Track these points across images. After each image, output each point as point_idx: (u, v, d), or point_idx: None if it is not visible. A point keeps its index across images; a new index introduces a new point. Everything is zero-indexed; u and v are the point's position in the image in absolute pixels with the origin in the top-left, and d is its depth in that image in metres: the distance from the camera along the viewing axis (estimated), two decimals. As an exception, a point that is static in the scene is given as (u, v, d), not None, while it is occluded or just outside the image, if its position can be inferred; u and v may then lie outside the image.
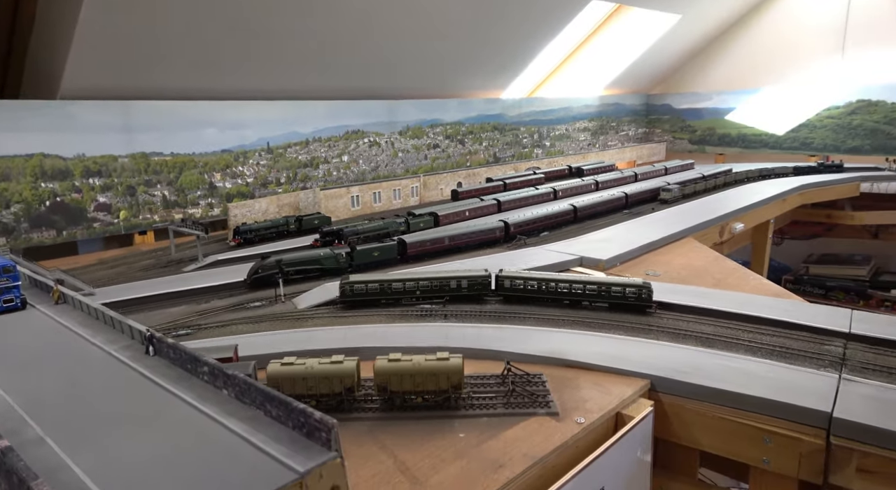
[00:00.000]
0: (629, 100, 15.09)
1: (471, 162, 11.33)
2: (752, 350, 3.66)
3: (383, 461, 2.64)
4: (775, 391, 3.07)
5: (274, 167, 8.45)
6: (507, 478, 2.51)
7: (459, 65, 10.31)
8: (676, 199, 8.75)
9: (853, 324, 3.93)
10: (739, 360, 3.52)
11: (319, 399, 3.03)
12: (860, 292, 11.36)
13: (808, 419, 2.90)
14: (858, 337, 3.77)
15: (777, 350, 3.65)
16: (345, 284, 4.65)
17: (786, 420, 2.95)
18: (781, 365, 3.44)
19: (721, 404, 3.11)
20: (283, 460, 1.80)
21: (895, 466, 2.68)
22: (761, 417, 3.00)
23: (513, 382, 3.25)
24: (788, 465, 2.93)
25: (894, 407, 2.87)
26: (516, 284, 4.58)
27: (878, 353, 3.56)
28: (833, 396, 2.99)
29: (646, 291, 4.23)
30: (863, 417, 2.79)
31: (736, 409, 3.07)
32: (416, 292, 4.65)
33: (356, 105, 9.38)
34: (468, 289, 4.65)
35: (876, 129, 11.70)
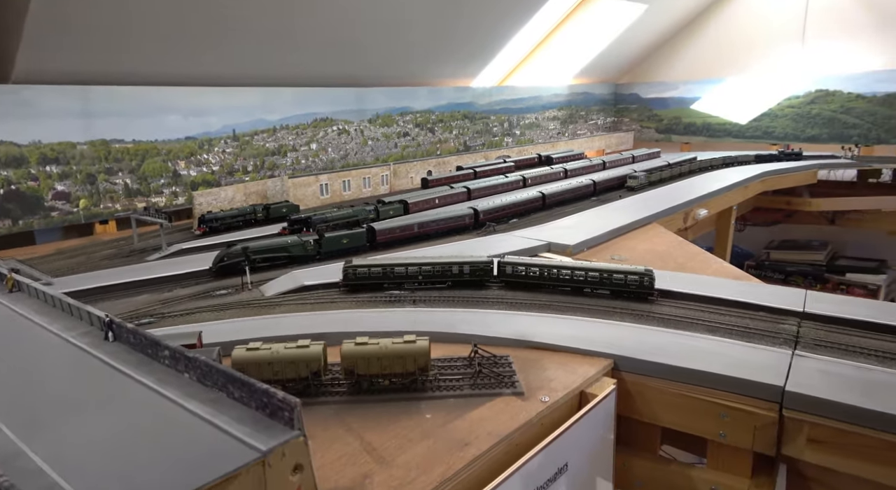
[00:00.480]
0: (598, 89, 15.24)
1: (441, 150, 11.32)
2: (711, 329, 3.77)
3: (350, 443, 2.65)
4: (732, 367, 3.18)
5: (240, 155, 8.31)
6: (473, 455, 2.55)
7: (429, 52, 10.26)
8: (643, 186, 8.90)
9: (807, 303, 4.07)
10: (699, 339, 3.63)
11: (286, 384, 3.01)
12: (817, 276, 11.77)
13: (763, 393, 3.00)
14: (812, 316, 3.92)
15: (735, 329, 3.76)
16: (348, 268, 4.64)
17: (741, 395, 3.05)
18: (739, 343, 3.55)
19: (681, 381, 3.20)
20: (245, 440, 1.80)
21: (842, 436, 2.80)
22: (719, 393, 3.10)
23: (479, 364, 3.29)
24: (744, 438, 3.04)
25: (842, 380, 3.00)
26: (518, 271, 4.58)
27: (829, 331, 3.70)
28: (786, 372, 3.10)
29: (648, 279, 4.22)
30: (813, 390, 2.91)
31: (695, 386, 3.17)
32: (418, 277, 4.64)
33: (324, 92, 9.27)
34: (470, 274, 4.66)
35: (833, 118, 12.08)
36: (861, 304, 4.12)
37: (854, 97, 11.80)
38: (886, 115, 11.45)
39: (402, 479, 2.39)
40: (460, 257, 4.76)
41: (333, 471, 2.44)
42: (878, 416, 2.71)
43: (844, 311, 3.91)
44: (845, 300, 4.21)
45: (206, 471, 1.65)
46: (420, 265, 4.65)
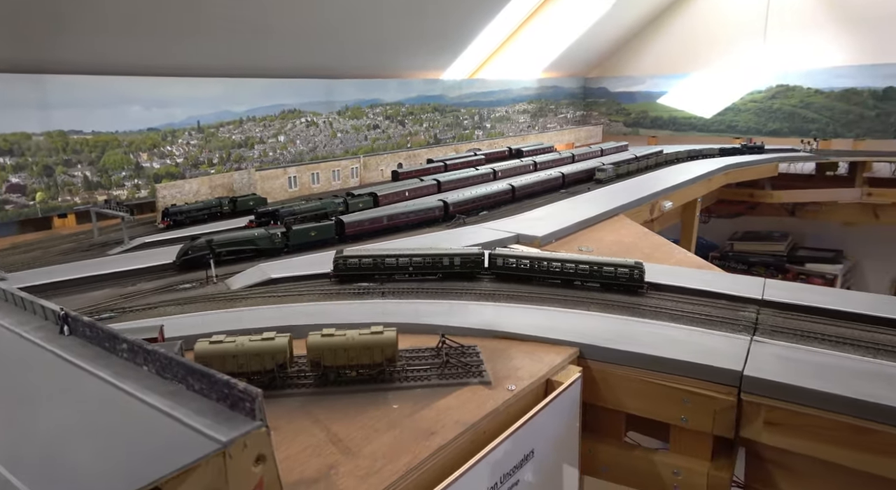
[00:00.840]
0: (567, 83, 15.36)
1: (411, 143, 11.27)
2: (674, 317, 3.86)
3: (315, 434, 2.63)
4: (694, 354, 3.25)
5: (205, 147, 8.14)
6: (439, 444, 2.56)
7: (399, 44, 10.19)
8: (611, 178, 9.03)
9: (766, 291, 4.19)
10: (663, 326, 3.71)
11: (251, 377, 2.98)
12: (778, 266, 12.14)
13: (722, 378, 3.09)
14: (770, 303, 4.03)
15: (697, 317, 3.86)
16: (338, 258, 4.58)
17: (702, 380, 3.13)
18: (701, 330, 3.64)
19: (644, 368, 3.27)
20: (205, 432, 1.77)
21: (797, 418, 2.90)
22: (681, 379, 3.18)
23: (447, 354, 3.30)
24: (704, 422, 3.12)
25: (797, 364, 3.10)
26: (509, 263, 4.55)
27: (786, 317, 3.82)
28: (744, 357, 3.19)
29: (637, 272, 4.22)
30: (769, 374, 3.00)
31: (658, 373, 3.24)
32: (409, 268, 4.60)
33: (292, 84, 9.13)
34: (461, 266, 4.62)
35: (793, 112, 12.42)
36: (816, 292, 4.26)
37: (813, 92, 12.16)
38: (843, 109, 11.83)
39: (368, 469, 2.38)
40: (451, 249, 4.74)
41: (298, 462, 2.42)
42: (830, 398, 2.81)
43: (800, 298, 4.04)
44: (801, 288, 4.35)
45: (164, 463, 1.62)
46: (411, 256, 4.62)
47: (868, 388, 2.79)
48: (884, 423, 2.66)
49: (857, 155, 10.91)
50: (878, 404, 2.68)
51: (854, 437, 2.72)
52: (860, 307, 3.82)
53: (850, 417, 2.73)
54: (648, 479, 3.37)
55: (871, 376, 2.93)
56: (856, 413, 2.72)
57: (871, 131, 11.61)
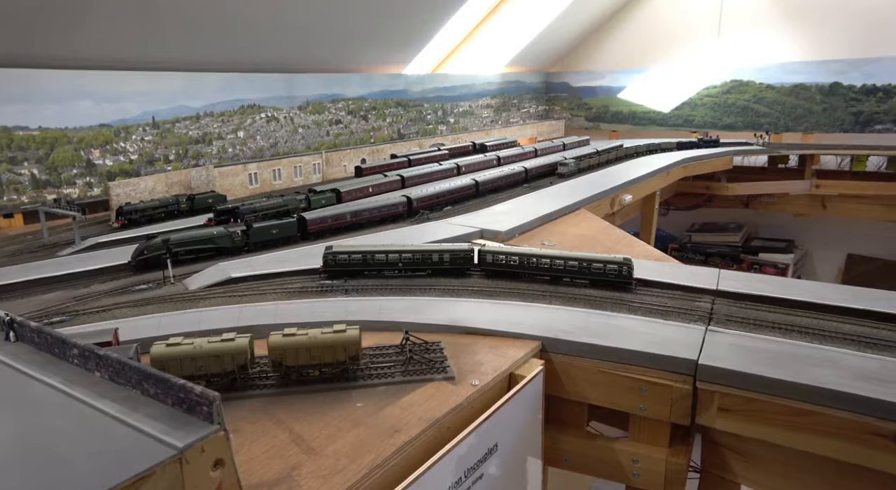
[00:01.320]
0: (529, 78, 15.48)
1: (375, 138, 11.19)
2: (633, 309, 3.95)
3: (277, 435, 2.61)
4: (651, 344, 3.34)
5: (161, 143, 7.91)
6: (403, 441, 2.57)
7: (361, 38, 10.09)
8: (572, 173, 9.15)
9: (720, 282, 4.33)
10: (622, 318, 3.79)
11: (210, 379, 2.92)
12: (734, 257, 12.54)
13: (678, 367, 3.18)
14: (724, 293, 4.17)
15: (655, 308, 3.96)
16: (328, 254, 4.54)
17: (659, 370, 3.21)
18: (658, 321, 3.74)
19: (604, 359, 3.34)
20: (160, 437, 1.73)
21: (749, 404, 3.01)
22: (639, 369, 3.26)
23: (410, 351, 3.31)
24: (661, 411, 3.22)
25: (748, 352, 3.22)
26: (498, 259, 4.54)
27: (740, 307, 3.95)
28: (699, 346, 3.29)
29: (626, 268, 4.23)
30: (722, 362, 3.10)
31: (617, 363, 3.31)
32: (398, 264, 4.58)
33: (251, 78, 8.95)
34: (450, 262, 4.61)
35: (747, 107, 12.82)
36: (768, 281, 4.41)
37: (765, 88, 12.57)
38: (793, 104, 12.27)
39: (332, 468, 2.38)
40: (441, 245, 4.74)
41: (260, 464, 2.40)
42: (780, 384, 2.93)
43: (753, 288, 4.18)
44: (754, 278, 4.50)
45: (117, 471, 1.58)
46: (400, 252, 4.60)
47: (812, 373, 2.92)
48: (825, 406, 2.79)
49: (806, 148, 11.34)
50: (820, 387, 2.80)
51: (799, 420, 2.85)
52: (808, 296, 3.99)
53: (796, 401, 2.85)
54: (609, 468, 3.45)
55: (816, 361, 3.06)
56: (800, 397, 2.84)
57: (818, 125, 12.08)
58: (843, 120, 11.82)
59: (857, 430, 2.75)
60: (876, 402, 2.72)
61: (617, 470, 3.43)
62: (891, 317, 3.65)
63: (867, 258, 12.41)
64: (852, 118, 11.70)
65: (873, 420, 2.71)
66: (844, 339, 3.38)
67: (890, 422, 2.68)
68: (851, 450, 2.80)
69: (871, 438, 2.72)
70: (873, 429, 2.71)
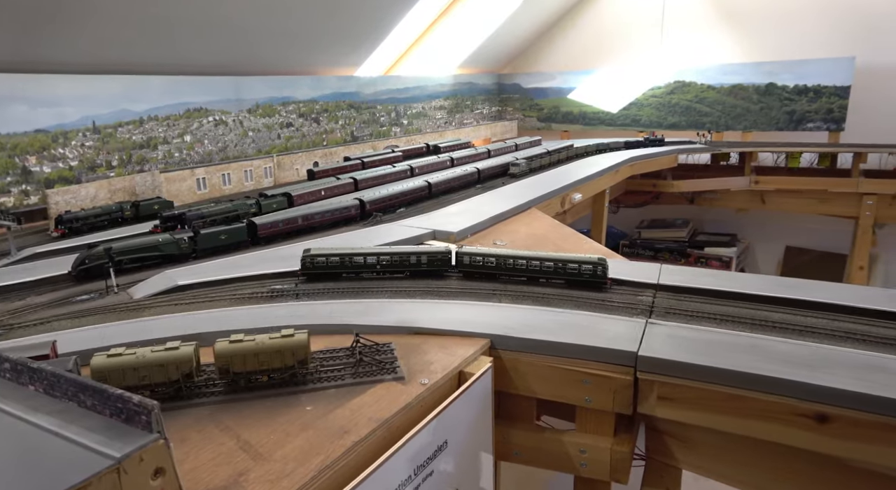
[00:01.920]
0: (482, 79, 15.64)
1: (327, 141, 11.11)
2: (579, 305, 4.07)
3: (224, 442, 2.59)
4: (594, 338, 3.46)
5: (103, 149, 7.65)
6: (352, 442, 2.59)
7: (310, 39, 10.01)
8: (524, 173, 9.32)
9: (661, 276, 4.51)
10: (567, 314, 3.91)
11: (154, 389, 2.88)
12: (681, 252, 13.00)
13: (620, 359, 3.31)
14: (665, 287, 4.35)
15: (599, 303, 4.10)
16: (305, 257, 4.54)
17: (602, 362, 3.34)
18: (602, 315, 3.87)
19: (549, 354, 3.44)
20: (97, 448, 1.72)
21: (685, 391, 3.16)
22: (582, 362, 3.38)
23: (360, 353, 3.33)
24: (605, 401, 3.34)
25: (686, 342, 3.38)
26: (475, 261, 4.57)
27: (679, 300, 4.13)
28: (640, 338, 3.43)
29: (601, 268, 4.30)
30: (661, 353, 3.25)
31: (562, 357, 3.42)
32: (376, 266, 4.57)
33: (197, 81, 8.75)
34: (428, 264, 4.62)
35: (690, 107, 13.31)
36: (706, 275, 4.62)
37: (706, 88, 13.07)
38: (732, 104, 12.81)
39: (280, 472, 2.38)
40: (419, 247, 4.75)
41: (206, 472, 2.38)
42: (713, 371, 3.09)
43: (692, 281, 4.38)
44: (693, 272, 4.71)
45: (51, 485, 1.56)
46: (378, 255, 4.61)
47: (742, 360, 3.09)
48: (754, 390, 2.96)
49: (745, 146, 11.85)
50: (749, 373, 2.97)
51: (731, 405, 3.01)
52: (742, 287, 4.20)
53: (728, 387, 3.02)
54: (558, 459, 3.56)
55: (747, 349, 3.24)
56: (732, 383, 3.01)
57: (756, 124, 12.65)
58: (779, 119, 12.42)
59: (783, 412, 2.93)
60: (799, 384, 2.90)
61: (565, 461, 3.54)
62: (816, 305, 3.88)
63: (803, 250, 13.07)
64: (787, 117, 12.31)
65: (797, 402, 2.90)
66: (773, 327, 3.59)
67: (812, 402, 2.87)
68: (778, 430, 2.98)
69: (795, 419, 2.91)
70: (797, 410, 2.90)
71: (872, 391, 2.76)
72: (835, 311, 3.80)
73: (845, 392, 2.80)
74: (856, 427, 2.78)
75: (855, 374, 2.93)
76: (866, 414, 2.76)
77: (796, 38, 12.39)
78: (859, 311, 3.75)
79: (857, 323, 3.61)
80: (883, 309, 3.73)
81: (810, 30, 12.27)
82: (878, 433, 2.74)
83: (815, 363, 3.05)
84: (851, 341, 3.36)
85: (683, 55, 13.63)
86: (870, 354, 3.17)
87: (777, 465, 3.21)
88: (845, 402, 2.80)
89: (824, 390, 2.84)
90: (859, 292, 4.06)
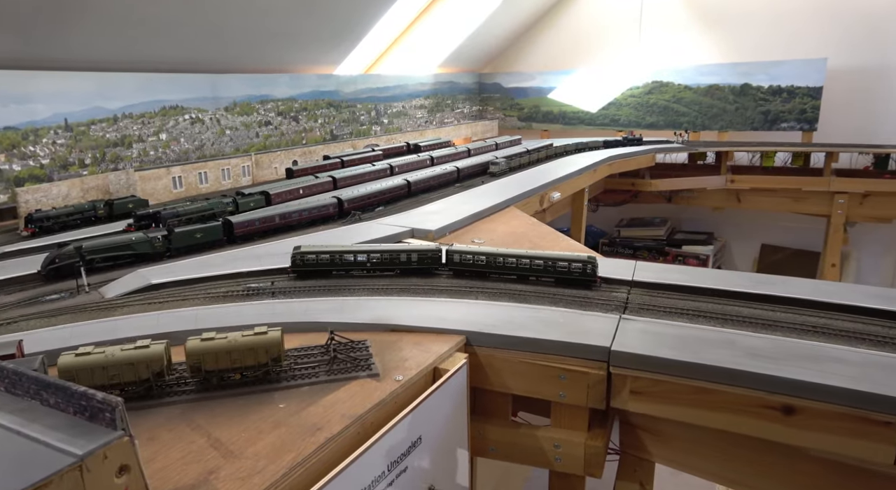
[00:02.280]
0: (462, 79, 15.67)
1: (307, 139, 11.05)
2: (555, 301, 4.11)
3: (195, 441, 2.57)
4: (569, 334, 3.50)
5: (76, 147, 7.52)
6: (325, 438, 2.59)
7: (289, 37, 9.94)
8: (504, 172, 9.36)
9: (636, 272, 4.56)
10: (544, 310, 3.94)
11: (124, 388, 2.84)
12: (660, 250, 13.16)
13: (593, 355, 3.34)
14: (639, 283, 4.40)
15: (575, 299, 4.13)
16: (296, 254, 4.51)
17: (576, 357, 3.37)
18: (577, 311, 3.91)
19: (524, 350, 3.47)
20: (59, 446, 1.69)
21: (656, 385, 3.21)
22: (557, 357, 3.41)
23: (335, 350, 3.32)
24: (579, 396, 3.37)
25: (657, 337, 3.42)
26: (466, 259, 4.55)
27: (652, 296, 4.19)
28: (613, 333, 3.47)
29: (591, 267, 4.30)
30: (633, 348, 3.29)
31: (537, 353, 3.45)
32: (367, 264, 4.55)
33: (172, 78, 8.63)
34: (418, 262, 4.60)
35: (667, 106, 13.48)
36: (679, 271, 4.69)
37: (683, 88, 13.25)
38: (709, 104, 13.00)
39: (251, 469, 2.37)
40: (409, 245, 4.74)
41: (176, 470, 2.36)
42: (683, 365, 3.14)
43: (666, 277, 4.44)
44: (667, 268, 4.78)
45: (10, 483, 1.54)
46: (368, 252, 4.59)
47: (711, 354, 3.14)
48: (723, 383, 3.01)
49: (721, 145, 12.03)
50: (718, 367, 3.03)
51: (701, 398, 3.06)
52: (714, 283, 4.27)
53: (698, 380, 3.07)
54: (533, 454, 3.59)
55: (716, 343, 3.29)
56: (701, 376, 3.06)
57: (732, 123, 12.85)
58: (754, 119, 12.63)
59: (751, 404, 2.98)
60: (766, 377, 2.96)
61: (540, 456, 3.57)
62: (785, 299, 3.96)
63: (778, 248, 13.31)
64: (761, 117, 12.52)
65: (764, 394, 2.96)
66: (743, 322, 3.65)
67: (778, 394, 2.93)
68: (748, 423, 3.04)
69: (763, 411, 2.97)
70: (765, 402, 2.96)
71: (834, 383, 2.83)
72: (799, 305, 3.89)
73: (809, 384, 2.86)
74: (820, 418, 2.85)
75: (817, 365, 3.00)
76: (829, 405, 2.83)
77: (771, 40, 12.62)
78: (821, 305, 3.85)
79: (819, 317, 3.70)
80: (843, 303, 3.83)
81: (784, 31, 12.50)
82: (841, 424, 2.81)
83: (778, 356, 3.12)
84: (813, 334, 3.44)
85: (661, 55, 13.80)
86: (832, 347, 3.25)
87: (748, 458, 3.27)
88: (809, 394, 2.87)
89: (789, 382, 2.90)
90: (821, 287, 4.16)
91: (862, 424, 2.77)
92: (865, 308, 3.81)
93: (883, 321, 3.64)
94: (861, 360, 3.07)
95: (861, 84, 11.95)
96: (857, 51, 11.91)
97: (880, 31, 11.67)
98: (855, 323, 3.62)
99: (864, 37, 11.83)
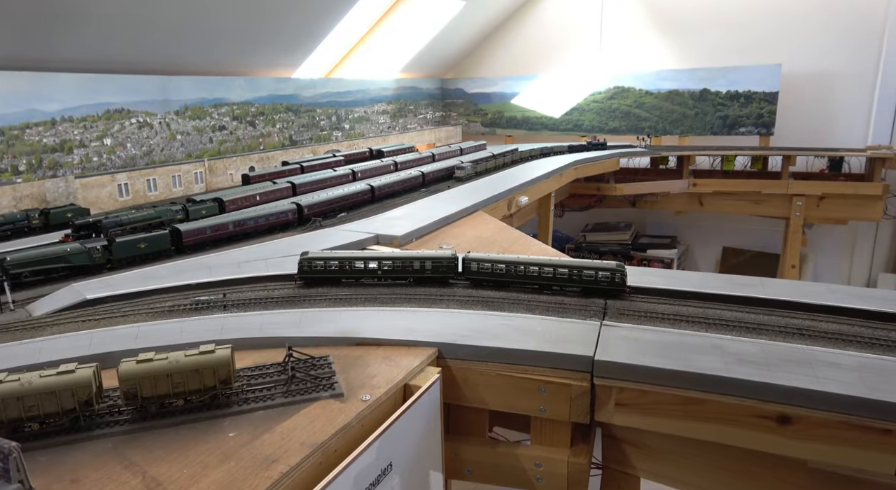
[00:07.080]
0: (425, 84, 15.45)
1: (264, 145, 10.61)
2: (531, 308, 3.87)
3: (128, 482, 2.21)
4: (548, 343, 3.26)
5: (8, 152, 6.93)
6: (281, 472, 2.26)
7: (242, 38, 9.52)
8: (470, 176, 9.15)
9: (612, 276, 4.35)
10: (519, 318, 3.70)
11: (44, 421, 2.45)
12: (625, 254, 13.16)
13: (576, 365, 3.11)
14: (616, 287, 4.19)
15: (552, 306, 3.90)
16: (303, 260, 4.27)
17: (557, 369, 3.13)
18: (555, 319, 3.68)
19: (501, 362, 3.21)
20: (-68, 509, 1.34)
21: (643, 396, 2.99)
22: (537, 369, 3.16)
23: (293, 368, 2.99)
24: (561, 411, 3.13)
25: (641, 344, 3.22)
26: (484, 268, 4.27)
27: (631, 300, 4.01)
28: (595, 342, 3.25)
29: (619, 275, 4.04)
30: (617, 357, 3.07)
31: (514, 365, 3.20)
32: (377, 272, 4.28)
33: (117, 80, 8.11)
34: (433, 271, 4.32)
35: (629, 112, 13.55)
36: (656, 274, 4.54)
37: (644, 93, 13.34)
38: (669, 109, 13.12)
39: (192, 514, 2.03)
40: (423, 252, 4.45)
41: (101, 520, 2.00)
42: (671, 374, 2.93)
43: (643, 280, 4.26)
44: (643, 271, 4.61)
45: None
46: (380, 259, 4.30)
47: (699, 361, 2.95)
48: (711, 392, 2.82)
49: (683, 150, 12.12)
50: (708, 375, 2.83)
51: (691, 408, 2.86)
52: (693, 286, 4.11)
53: (685, 390, 2.86)
54: (512, 474, 3.33)
55: (704, 349, 3.11)
56: (691, 385, 2.85)
57: (692, 128, 13.00)
58: (713, 123, 12.80)
59: (744, 414, 2.79)
60: (759, 384, 2.78)
61: (520, 476, 3.31)
62: (766, 301, 3.82)
63: (739, 250, 13.49)
64: (720, 122, 12.70)
65: (757, 403, 2.77)
66: (728, 326, 3.48)
67: (772, 403, 2.75)
68: (739, 434, 2.85)
69: (757, 421, 2.78)
70: (759, 412, 2.77)
71: (831, 389, 2.66)
72: (780, 307, 3.75)
73: (805, 391, 2.69)
74: (817, 427, 2.67)
75: (811, 371, 2.83)
76: (827, 413, 2.66)
77: (727, 46, 12.83)
78: (802, 307, 3.73)
79: (803, 318, 3.56)
80: (824, 304, 3.71)
81: (740, 37, 12.73)
82: (840, 433, 2.64)
83: (770, 362, 2.95)
84: (801, 337, 3.29)
85: (622, 61, 13.88)
86: (822, 350, 3.10)
87: (739, 470, 3.08)
88: (805, 402, 2.69)
89: (784, 390, 2.72)
90: (801, 288, 4.05)
91: (861, 433, 2.61)
92: (847, 308, 3.70)
93: (866, 322, 3.53)
94: (854, 363, 2.93)
95: (815, 89, 12.25)
96: (809, 56, 12.21)
97: (832, 37, 12.00)
98: (840, 324, 3.49)
99: (816, 43, 12.15)
